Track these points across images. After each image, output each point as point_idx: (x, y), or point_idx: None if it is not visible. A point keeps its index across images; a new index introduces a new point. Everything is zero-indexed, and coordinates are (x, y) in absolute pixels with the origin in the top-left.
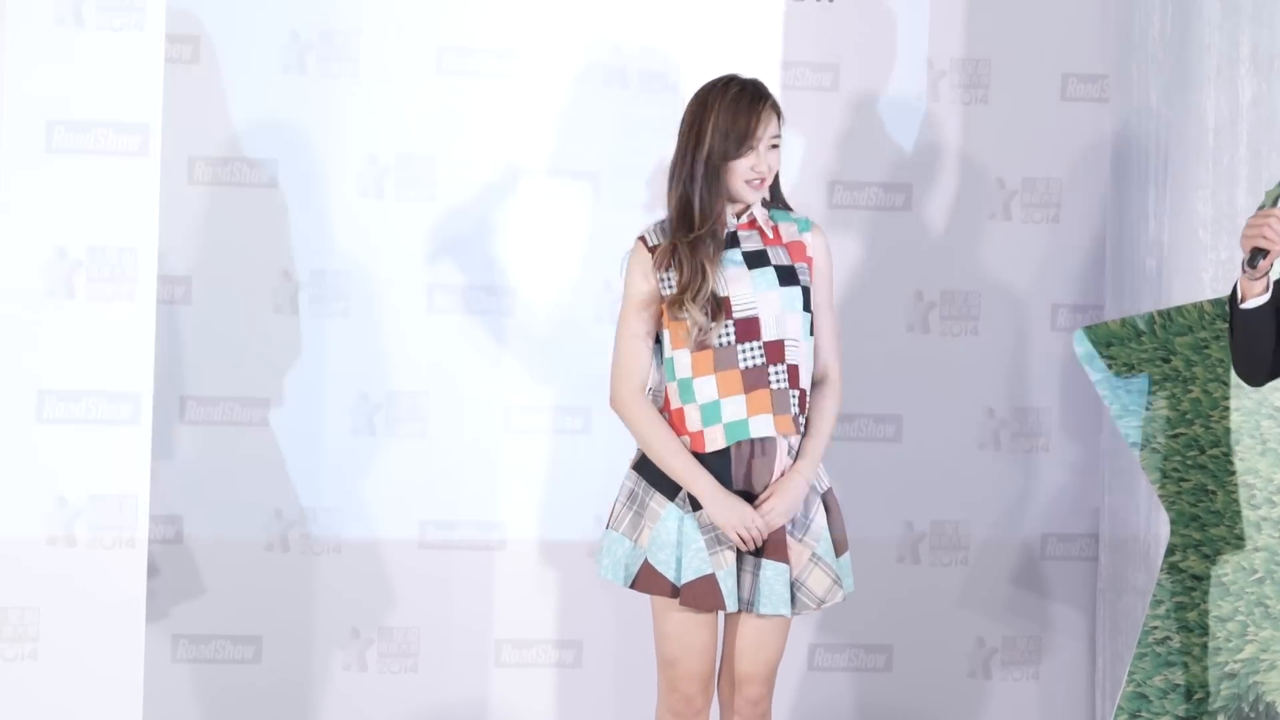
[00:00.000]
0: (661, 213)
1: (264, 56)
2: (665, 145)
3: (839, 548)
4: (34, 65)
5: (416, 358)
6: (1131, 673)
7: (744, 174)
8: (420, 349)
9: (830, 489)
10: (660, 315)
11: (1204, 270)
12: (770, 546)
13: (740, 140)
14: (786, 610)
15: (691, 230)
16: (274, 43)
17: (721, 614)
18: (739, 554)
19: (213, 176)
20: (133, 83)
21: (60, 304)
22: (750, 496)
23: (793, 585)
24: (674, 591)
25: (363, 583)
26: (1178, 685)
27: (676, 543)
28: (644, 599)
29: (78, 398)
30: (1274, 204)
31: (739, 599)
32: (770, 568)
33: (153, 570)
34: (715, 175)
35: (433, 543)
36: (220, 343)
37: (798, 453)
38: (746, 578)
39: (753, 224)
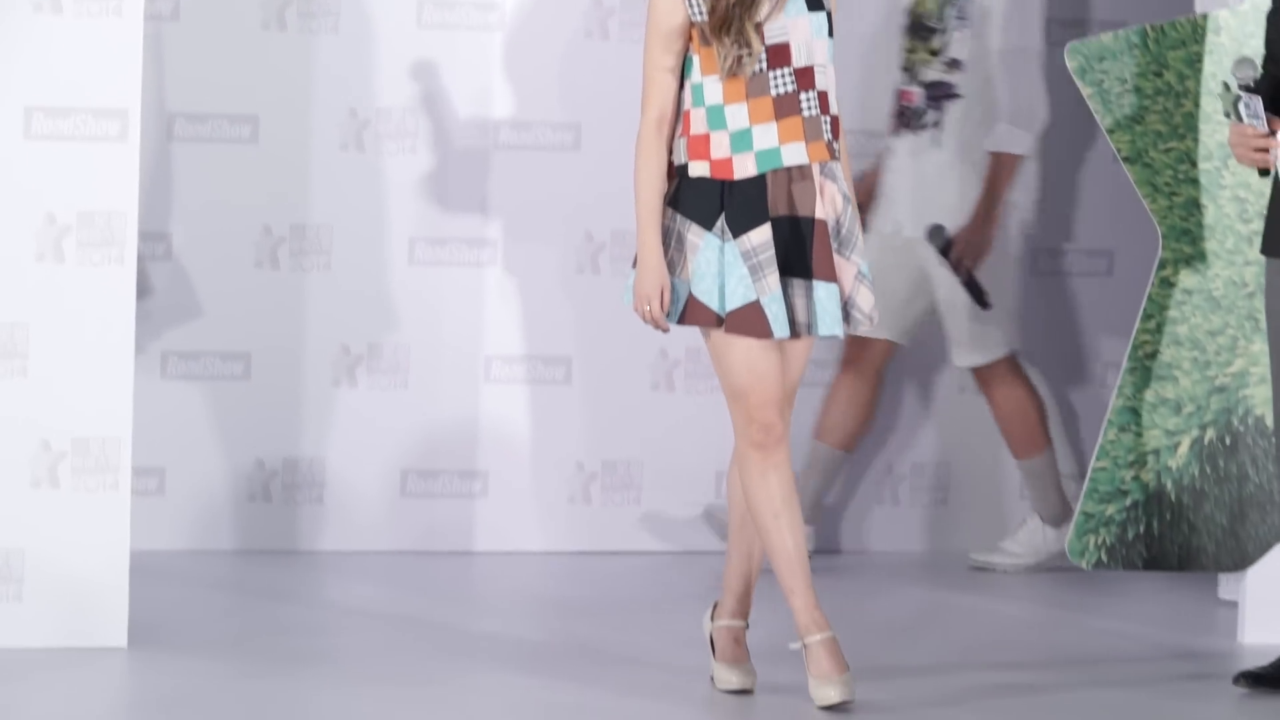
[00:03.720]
0: None
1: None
2: None
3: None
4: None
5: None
6: (1121, 387)
7: None
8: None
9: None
10: (688, 44)
11: None
12: (818, 266)
13: None
14: (840, 330)
15: None
16: None
17: None
18: (790, 278)
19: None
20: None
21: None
22: (795, 221)
23: (845, 304)
24: (718, 322)
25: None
26: (1167, 399)
27: (718, 272)
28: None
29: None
30: (1235, 110)
31: (793, 322)
32: (822, 288)
33: (144, 289)
34: None
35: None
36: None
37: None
38: (800, 301)
39: None
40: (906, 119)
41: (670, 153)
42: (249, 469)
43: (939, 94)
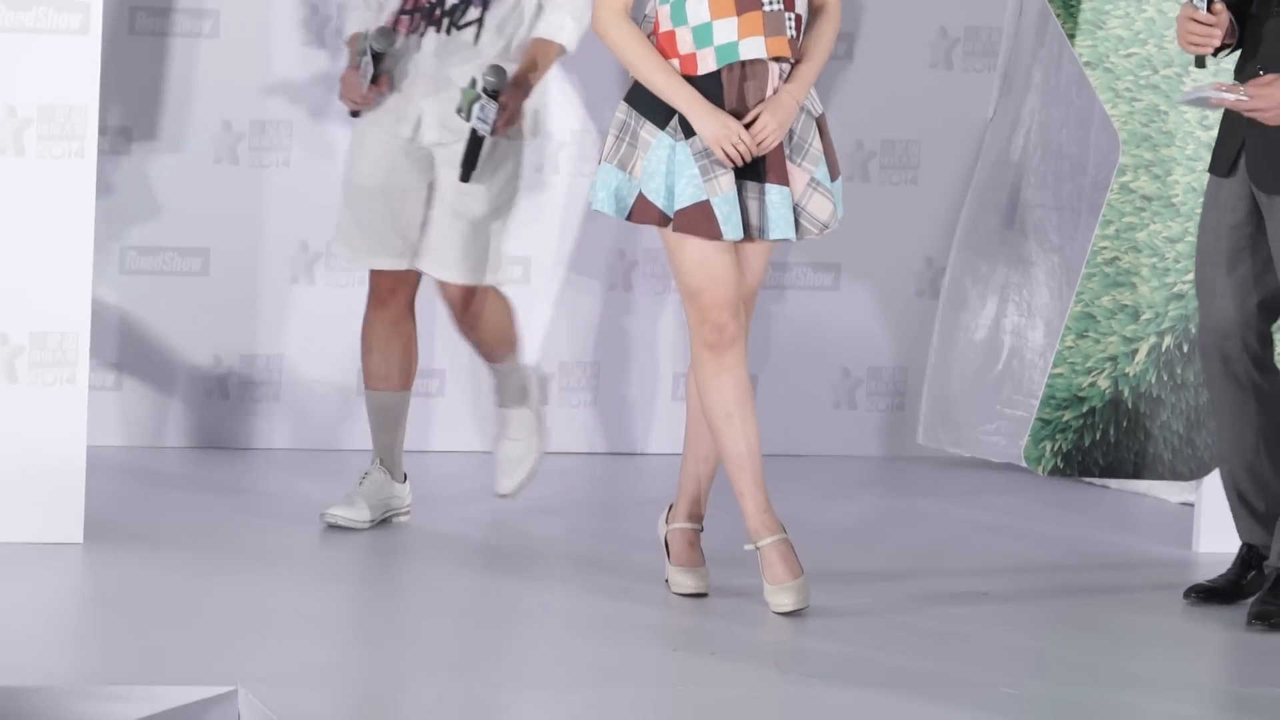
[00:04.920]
0: None
1: None
2: None
3: (833, 172)
4: None
5: None
6: (1080, 293)
7: None
8: None
9: (823, 114)
10: None
11: None
12: (772, 170)
13: None
14: (792, 234)
15: None
16: None
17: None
18: (744, 180)
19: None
20: None
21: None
22: (749, 123)
23: (795, 210)
24: (664, 220)
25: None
26: (1125, 305)
27: (667, 171)
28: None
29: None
30: None
31: (749, 225)
32: (775, 192)
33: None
34: None
35: None
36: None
37: (789, 75)
38: (754, 204)
39: None
40: (434, 16)
41: None
42: (206, 366)
43: None
